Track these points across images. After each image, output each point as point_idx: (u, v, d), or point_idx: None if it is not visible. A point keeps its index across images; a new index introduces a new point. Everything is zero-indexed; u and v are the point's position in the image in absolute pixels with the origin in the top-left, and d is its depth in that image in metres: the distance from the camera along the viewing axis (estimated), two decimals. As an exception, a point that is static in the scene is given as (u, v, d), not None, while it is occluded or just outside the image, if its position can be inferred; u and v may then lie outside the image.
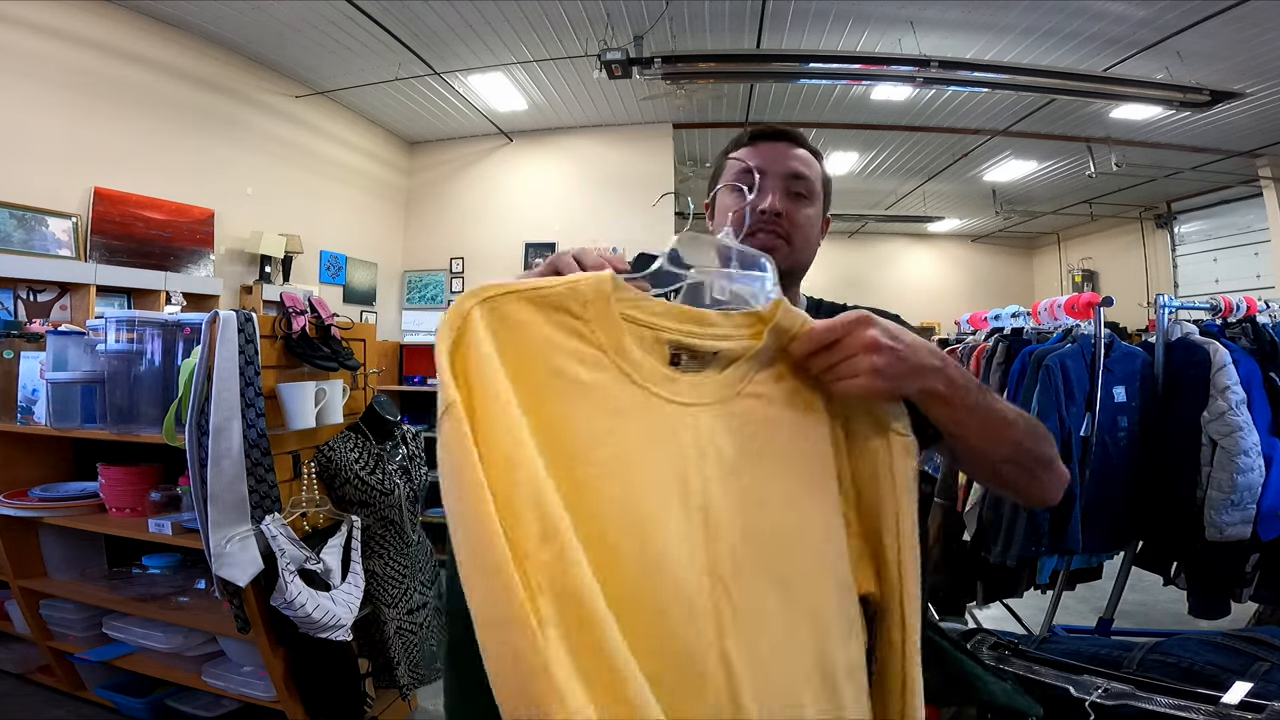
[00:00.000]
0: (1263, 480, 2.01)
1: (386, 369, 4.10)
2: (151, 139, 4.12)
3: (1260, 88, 4.82)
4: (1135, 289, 8.34)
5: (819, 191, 0.93)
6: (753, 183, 0.87)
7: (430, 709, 2.37)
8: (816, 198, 0.93)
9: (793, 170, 0.90)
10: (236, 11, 4.14)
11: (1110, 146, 5.97)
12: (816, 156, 0.94)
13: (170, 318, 1.88)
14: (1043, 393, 2.08)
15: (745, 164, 0.89)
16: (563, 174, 6.33)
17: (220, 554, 1.62)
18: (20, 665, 2.35)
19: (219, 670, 1.97)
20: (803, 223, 0.90)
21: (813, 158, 0.93)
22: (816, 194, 0.93)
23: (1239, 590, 2.17)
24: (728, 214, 0.87)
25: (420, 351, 4.35)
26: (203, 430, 1.64)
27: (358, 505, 1.97)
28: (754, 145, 0.92)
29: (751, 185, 0.86)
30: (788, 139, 0.92)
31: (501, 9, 4.16)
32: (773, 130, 0.93)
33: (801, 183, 0.90)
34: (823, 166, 0.95)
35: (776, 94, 5.48)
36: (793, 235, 0.89)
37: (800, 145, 0.93)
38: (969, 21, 4.18)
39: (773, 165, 0.89)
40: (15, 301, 3.34)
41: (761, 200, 0.87)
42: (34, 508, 2.03)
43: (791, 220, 0.89)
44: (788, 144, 0.92)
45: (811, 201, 0.91)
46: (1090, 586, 2.41)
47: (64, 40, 3.64)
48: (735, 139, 0.95)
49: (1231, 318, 2.36)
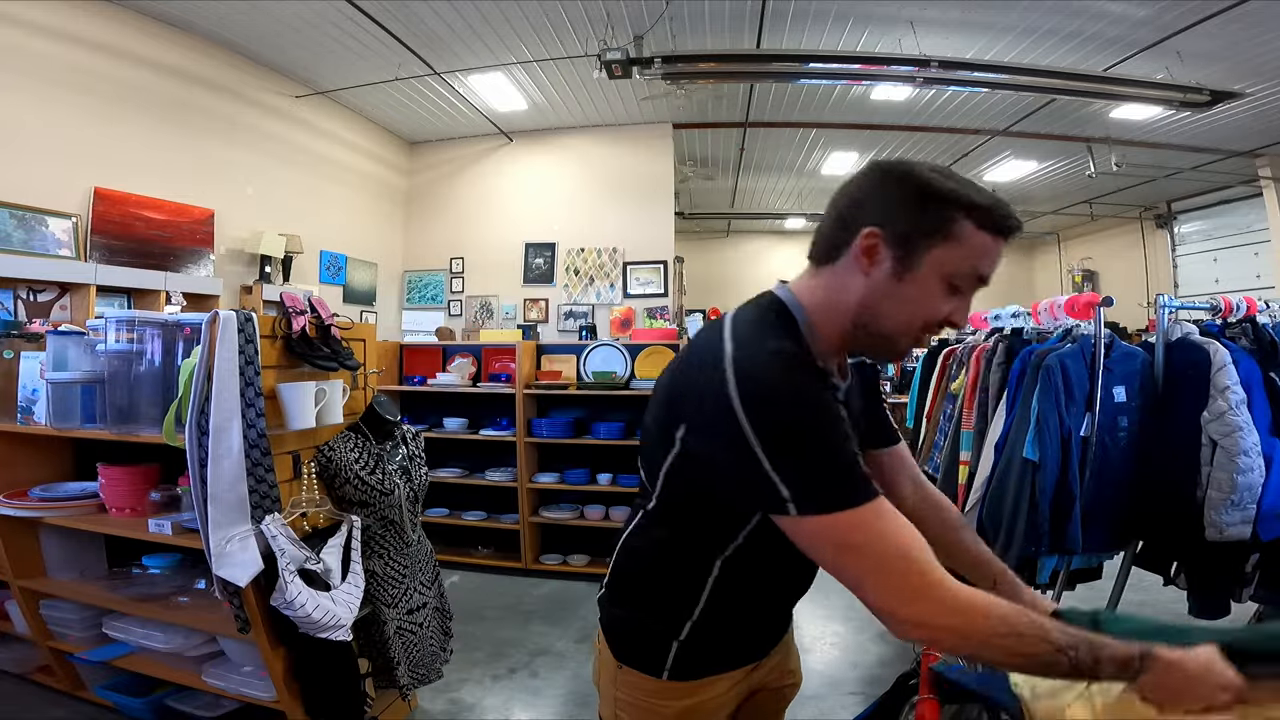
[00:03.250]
0: (1263, 480, 2.00)
1: (386, 369, 4.10)
2: (151, 139, 4.12)
3: (1260, 88, 4.83)
4: (1135, 289, 8.34)
5: None
6: (974, 289, 0.79)
7: (430, 709, 2.37)
8: None
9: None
10: (236, 11, 4.14)
11: (1110, 146, 5.97)
12: None
13: (170, 318, 1.88)
14: (1043, 393, 2.08)
15: (985, 267, 0.78)
16: (563, 174, 6.33)
17: (220, 554, 1.62)
18: (20, 665, 2.35)
19: (219, 670, 1.97)
20: None
21: None
22: None
23: (1239, 590, 2.17)
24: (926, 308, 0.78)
25: (420, 351, 4.35)
26: (203, 430, 1.64)
27: (358, 505, 1.97)
28: (1001, 241, 0.78)
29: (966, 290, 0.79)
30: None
31: (501, 9, 4.16)
32: (1018, 227, 0.80)
33: None
34: None
35: (776, 94, 5.48)
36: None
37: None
38: (969, 21, 4.18)
39: (990, 275, 0.79)
40: (15, 301, 3.34)
41: (959, 313, 0.79)
42: (34, 508, 2.03)
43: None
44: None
45: None
46: (1090, 586, 2.41)
47: (64, 40, 3.63)
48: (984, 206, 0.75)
49: (1231, 318, 2.36)
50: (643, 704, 0.92)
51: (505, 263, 6.38)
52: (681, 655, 0.90)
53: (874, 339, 0.81)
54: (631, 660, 0.92)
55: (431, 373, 4.13)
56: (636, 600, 0.93)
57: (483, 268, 6.45)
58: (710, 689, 0.92)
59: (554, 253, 6.28)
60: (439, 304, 6.55)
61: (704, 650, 0.90)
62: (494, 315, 6.35)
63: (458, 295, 6.51)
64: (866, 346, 0.84)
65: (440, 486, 3.87)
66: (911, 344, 0.82)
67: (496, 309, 6.36)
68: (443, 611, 2.26)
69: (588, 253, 6.19)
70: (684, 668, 0.90)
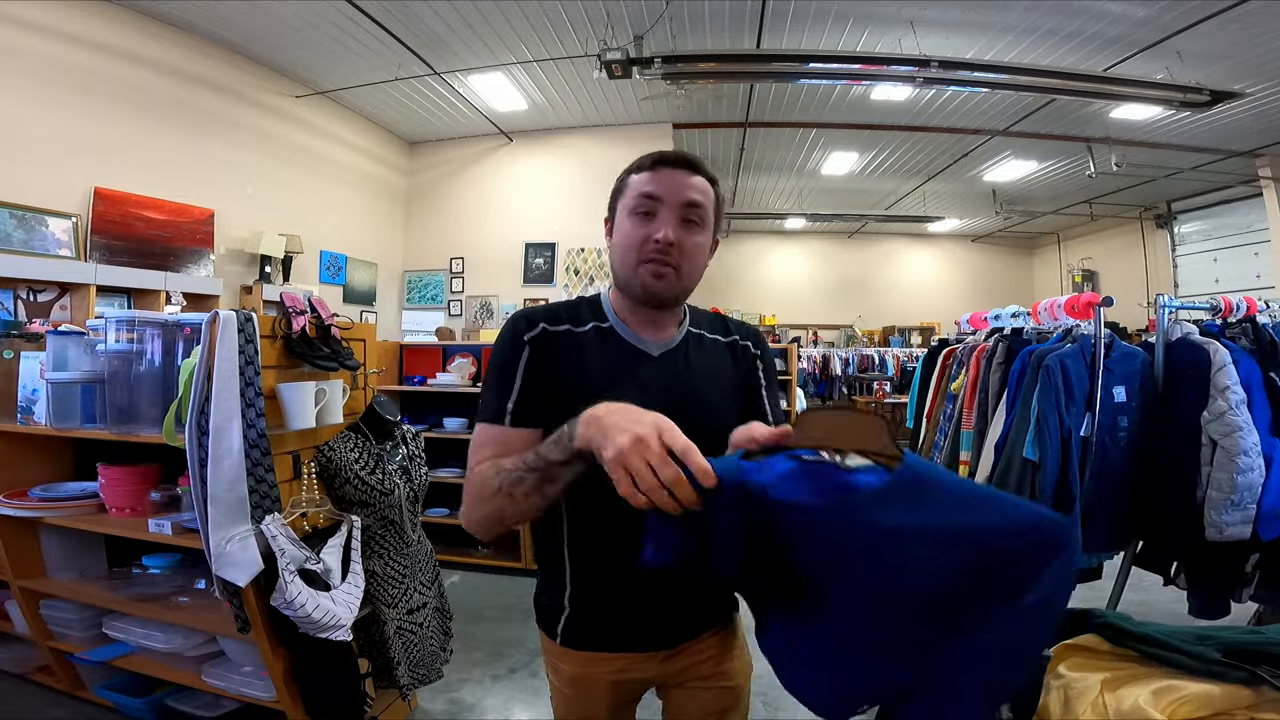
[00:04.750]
0: (1263, 480, 2.00)
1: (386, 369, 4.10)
2: (151, 139, 4.12)
3: (1260, 88, 4.83)
4: (1135, 289, 8.35)
5: (711, 219, 0.98)
6: (653, 209, 0.93)
7: (430, 709, 2.37)
8: (708, 225, 0.97)
9: (689, 199, 0.94)
10: (236, 11, 4.14)
11: (1110, 146, 5.97)
12: (713, 183, 0.98)
13: (170, 318, 1.87)
14: (1043, 393, 2.08)
15: (646, 190, 0.94)
16: (563, 174, 6.33)
17: (220, 554, 1.62)
18: (20, 665, 2.35)
19: (219, 670, 1.97)
20: (692, 251, 0.95)
21: (709, 184, 0.97)
22: (709, 221, 0.97)
23: (1239, 590, 2.17)
24: (626, 238, 0.95)
25: (420, 351, 4.35)
26: (203, 430, 1.64)
27: (358, 505, 1.97)
28: (655, 171, 0.95)
29: (650, 212, 0.93)
30: (687, 166, 0.96)
31: (501, 9, 4.16)
32: (674, 157, 0.96)
33: (696, 211, 0.94)
34: (717, 191, 0.99)
35: (776, 94, 5.48)
36: (681, 264, 0.94)
37: (698, 172, 0.96)
38: (969, 21, 4.18)
39: (670, 194, 0.93)
40: (15, 301, 3.34)
41: (657, 229, 0.92)
42: (34, 508, 2.03)
43: (682, 249, 0.94)
44: (686, 172, 0.95)
45: (703, 229, 0.96)
46: (1090, 586, 2.41)
47: (64, 40, 3.64)
48: (638, 161, 0.98)
49: (1231, 318, 2.36)
50: (550, 664, 1.05)
51: (505, 263, 6.38)
52: (570, 622, 1.00)
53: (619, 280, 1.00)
54: (540, 622, 1.05)
55: (431, 373, 4.13)
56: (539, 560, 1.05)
57: (483, 268, 6.45)
58: (601, 665, 1.00)
59: (554, 253, 6.28)
60: (439, 304, 6.55)
61: (588, 620, 0.99)
62: (494, 315, 6.35)
63: (458, 295, 6.51)
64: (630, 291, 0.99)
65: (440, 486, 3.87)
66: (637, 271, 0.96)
67: (496, 309, 6.36)
68: (443, 611, 2.26)
69: (588, 253, 6.19)
70: (572, 635, 1.00)
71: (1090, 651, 0.77)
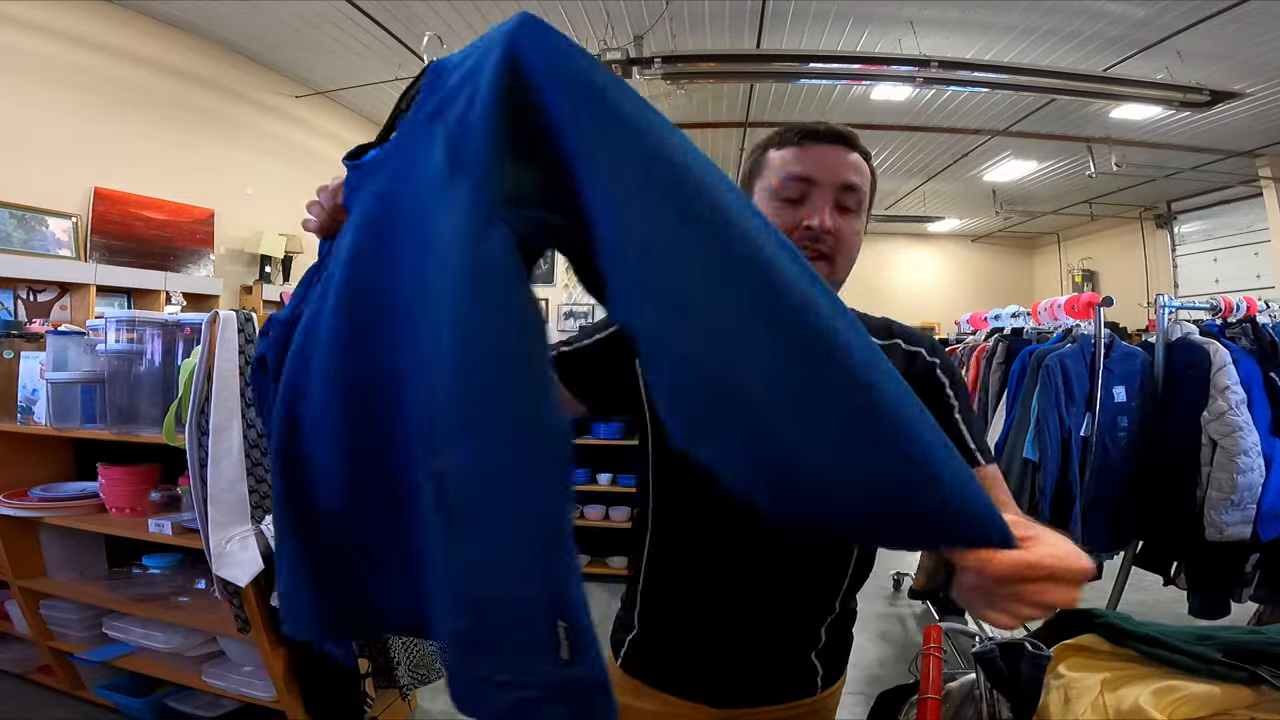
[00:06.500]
0: (1263, 480, 2.01)
1: (386, 369, 4.10)
2: (151, 139, 4.12)
3: (1260, 88, 4.82)
4: (1135, 289, 8.34)
5: (868, 201, 0.84)
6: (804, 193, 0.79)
7: (430, 709, 2.37)
8: (864, 209, 0.83)
9: (846, 181, 0.79)
10: (236, 11, 4.14)
11: (1110, 146, 5.97)
12: (867, 158, 0.83)
13: (170, 318, 1.88)
14: (1043, 393, 2.09)
15: (795, 170, 0.79)
16: (563, 174, 6.33)
17: (220, 554, 1.62)
18: (20, 665, 2.35)
19: (219, 670, 1.97)
20: (849, 239, 0.81)
21: (864, 162, 0.83)
22: (865, 204, 0.83)
23: (1239, 590, 2.17)
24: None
25: (420, 351, 4.34)
26: (203, 430, 1.64)
27: (358, 505, 1.97)
28: (803, 147, 0.80)
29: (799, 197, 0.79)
30: (841, 141, 0.81)
31: (501, 9, 4.16)
32: (828, 131, 0.81)
33: (853, 195, 0.80)
34: (872, 168, 0.84)
35: (776, 94, 5.48)
36: (837, 254, 0.80)
37: (854, 149, 0.82)
38: (969, 21, 4.18)
39: (825, 175, 0.79)
40: (15, 301, 3.34)
41: (812, 216, 0.78)
42: (34, 508, 2.02)
43: (839, 237, 0.79)
44: (844, 148, 0.81)
45: (859, 214, 0.82)
46: (1090, 586, 2.39)
47: (64, 40, 3.64)
48: (780, 133, 0.83)
49: (1231, 318, 2.36)
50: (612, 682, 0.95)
51: (505, 263, 6.38)
52: (634, 643, 0.89)
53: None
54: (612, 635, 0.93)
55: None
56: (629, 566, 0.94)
57: (483, 268, 6.45)
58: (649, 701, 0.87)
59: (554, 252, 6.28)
60: (439, 304, 6.55)
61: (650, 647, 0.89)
62: (494, 315, 6.36)
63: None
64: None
65: (440, 486, 3.86)
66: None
67: (496, 309, 6.37)
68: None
69: (588, 253, 6.20)
70: (634, 658, 0.89)
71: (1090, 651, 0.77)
